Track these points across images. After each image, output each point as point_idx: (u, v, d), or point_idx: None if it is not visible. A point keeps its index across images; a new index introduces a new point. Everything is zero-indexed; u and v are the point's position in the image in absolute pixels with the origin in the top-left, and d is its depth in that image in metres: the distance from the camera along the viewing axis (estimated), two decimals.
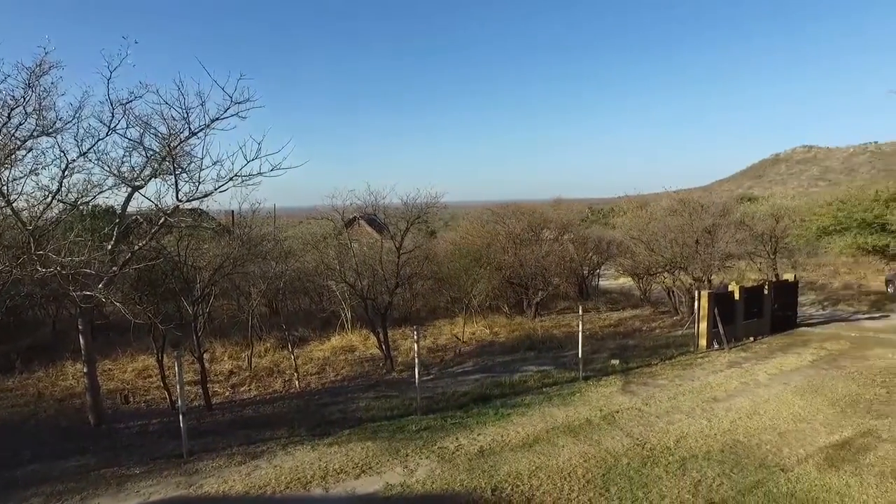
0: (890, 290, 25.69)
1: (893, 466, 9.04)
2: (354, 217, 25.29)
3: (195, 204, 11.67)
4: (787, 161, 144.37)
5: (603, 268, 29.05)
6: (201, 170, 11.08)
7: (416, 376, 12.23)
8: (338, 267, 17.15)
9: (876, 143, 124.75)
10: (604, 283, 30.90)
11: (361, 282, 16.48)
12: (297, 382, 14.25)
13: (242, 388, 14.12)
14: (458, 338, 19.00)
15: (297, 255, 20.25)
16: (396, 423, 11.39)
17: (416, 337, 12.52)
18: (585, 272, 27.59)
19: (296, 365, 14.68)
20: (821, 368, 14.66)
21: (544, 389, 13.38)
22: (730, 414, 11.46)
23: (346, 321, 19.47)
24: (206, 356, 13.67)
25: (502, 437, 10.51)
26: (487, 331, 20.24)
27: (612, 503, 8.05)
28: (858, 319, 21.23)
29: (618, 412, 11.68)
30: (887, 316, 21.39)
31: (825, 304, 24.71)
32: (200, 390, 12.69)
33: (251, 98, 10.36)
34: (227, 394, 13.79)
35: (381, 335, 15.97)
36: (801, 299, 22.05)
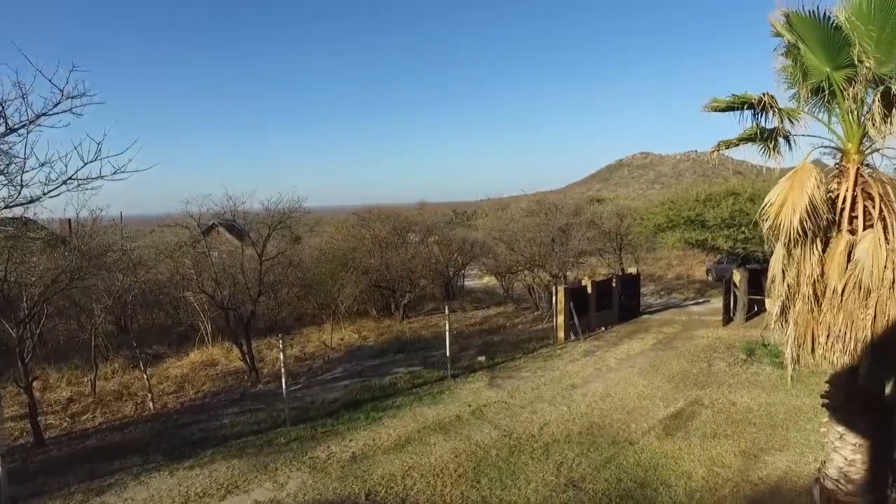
0: (709, 278, 29.49)
1: (713, 428, 10.44)
2: (213, 224, 23.77)
3: (18, 211, 10.16)
4: (629, 166, 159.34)
5: (468, 268, 30.00)
6: (24, 171, 9.66)
7: (284, 387, 11.77)
8: (195, 277, 16.00)
9: (696, 151, 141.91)
10: (469, 283, 31.95)
11: (221, 291, 15.52)
12: (151, 404, 13.04)
13: (85, 417, 12.60)
14: (326, 344, 18.59)
15: (149, 265, 18.60)
16: (264, 437, 10.87)
17: (281, 346, 12.06)
18: (451, 273, 28.34)
19: (149, 385, 13.42)
20: (659, 350, 16.39)
21: (415, 390, 13.52)
22: (586, 398, 12.39)
23: (207, 334, 18.22)
24: (36, 384, 12.00)
25: (374, 440, 10.45)
26: (356, 335, 20.04)
27: (484, 493, 8.35)
28: (687, 305, 24.07)
29: (486, 406, 12.13)
30: (708, 301, 24.46)
31: (662, 293, 27.67)
32: (30, 425, 11.09)
33: (88, 93, 9.22)
34: (65, 425, 12.21)
35: (244, 346, 15.15)
36: (643, 290, 24.50)
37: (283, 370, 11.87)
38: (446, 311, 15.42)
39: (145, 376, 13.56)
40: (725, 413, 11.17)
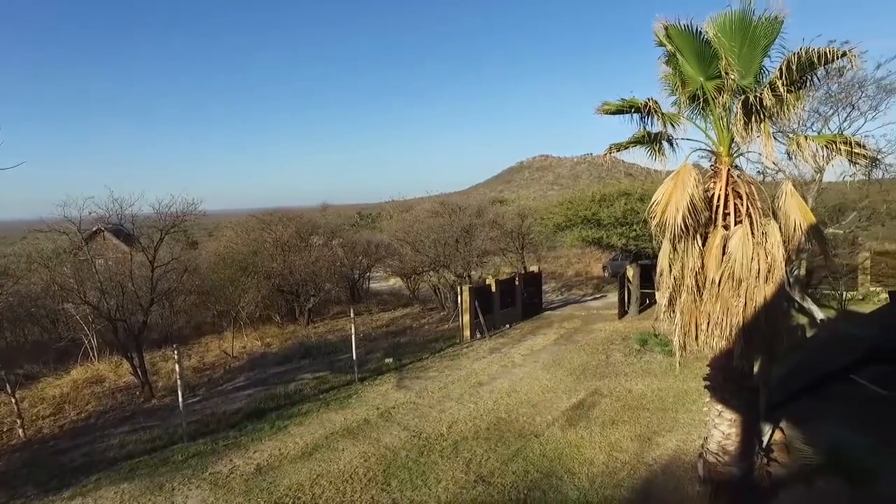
0: (606, 274, 31.24)
1: (611, 415, 11.03)
2: (98, 229, 21.96)
3: None
4: (530, 168, 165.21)
5: (373, 270, 29.79)
6: None
7: (181, 400, 11.08)
8: (75, 287, 14.65)
9: (591, 154, 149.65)
10: (375, 285, 31.71)
11: (108, 302, 14.32)
12: (21, 430, 11.72)
13: None
14: (227, 353, 17.72)
15: (19, 275, 16.80)
16: (159, 455, 10.16)
17: (177, 356, 11.34)
18: (356, 276, 28.02)
19: (18, 409, 12.01)
20: (561, 345, 17.10)
21: (321, 395, 13.21)
22: (493, 395, 12.68)
23: (92, 349, 16.76)
24: None
25: (280, 450, 10.09)
26: (259, 342, 19.28)
27: (394, 496, 8.30)
28: (586, 301, 25.32)
29: (394, 408, 12.08)
30: (605, 296, 25.88)
31: (563, 290, 28.92)
32: None
33: None
34: None
35: (135, 360, 14.08)
36: (545, 287, 25.47)
37: (179, 382, 11.17)
38: (352, 314, 15.21)
39: (13, 400, 12.08)
40: (622, 401, 11.84)
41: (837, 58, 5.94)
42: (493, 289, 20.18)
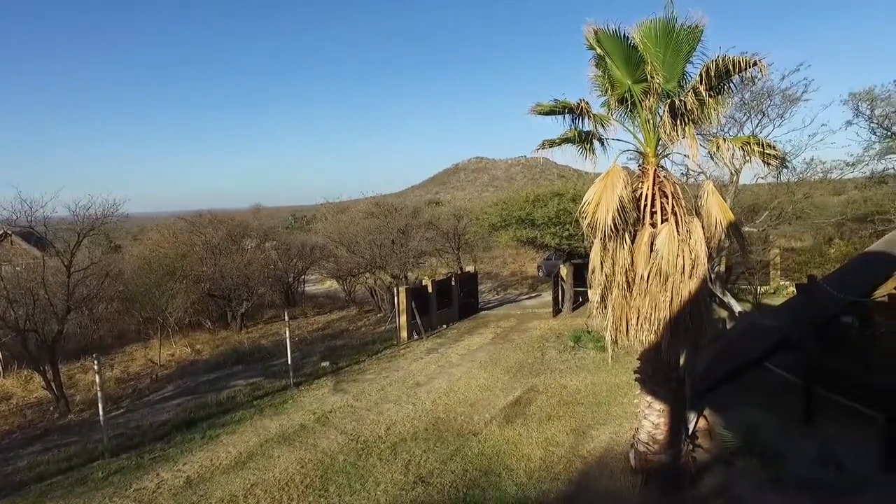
0: (540, 273, 31.93)
1: (547, 411, 11.28)
2: (4, 232, 20.40)
3: None
4: (465, 170, 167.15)
5: (308, 273, 29.19)
6: None
7: (101, 413, 10.45)
8: None
9: (525, 156, 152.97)
10: (310, 288, 31.10)
11: (15, 311, 13.28)
12: None
13: None
14: (154, 362, 16.87)
15: None
16: (76, 474, 9.53)
17: (97, 367, 10.70)
18: (291, 279, 27.37)
19: None
20: (498, 344, 17.34)
21: (255, 402, 12.81)
22: (431, 395, 12.68)
23: None
24: None
25: (212, 461, 9.70)
26: (189, 349, 18.48)
27: (332, 501, 8.17)
28: (522, 300, 25.78)
29: (331, 412, 11.87)
30: (540, 295, 26.44)
31: (499, 289, 29.30)
32: None
33: None
34: None
35: (48, 373, 13.13)
36: (481, 287, 25.74)
37: (99, 395, 10.54)
38: (286, 318, 14.84)
39: None
40: (558, 396, 12.13)
41: (749, 66, 6.32)
42: (430, 289, 20.22)
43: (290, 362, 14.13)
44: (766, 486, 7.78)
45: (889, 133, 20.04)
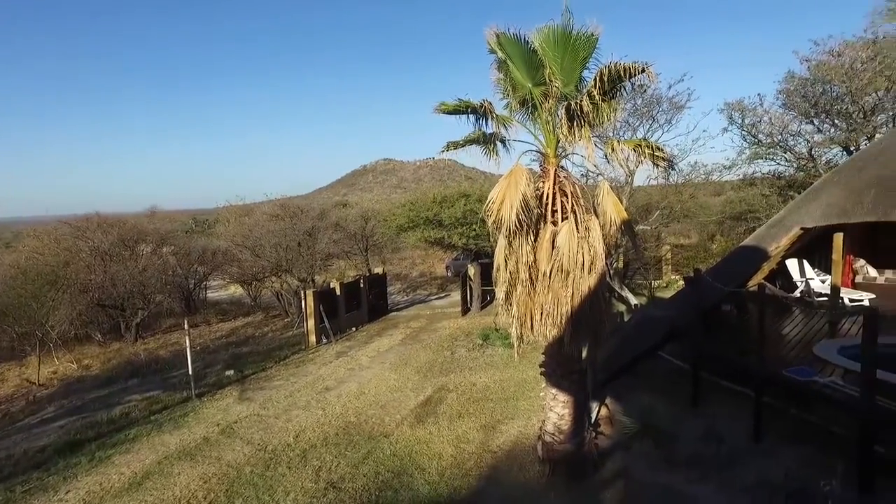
0: (449, 273, 32.34)
1: (458, 409, 11.42)
2: None
3: None
4: (373, 171, 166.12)
5: (211, 278, 27.83)
6: None
7: None
8: None
9: (433, 158, 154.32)
10: (213, 294, 29.66)
11: None
12: None
13: None
14: (31, 381, 15.37)
15: None
16: None
17: None
18: (192, 285, 25.97)
19: None
20: (408, 344, 17.35)
21: (153, 417, 12.00)
22: (341, 399, 12.47)
23: None
24: None
25: (102, 485, 8.98)
26: (75, 365, 17.01)
27: None
28: (431, 300, 25.95)
29: (236, 422, 11.37)
30: (449, 295, 26.75)
31: (408, 290, 29.32)
32: None
33: None
34: None
35: None
36: (390, 289, 25.62)
37: None
38: (186, 326, 14.06)
39: None
40: (468, 394, 12.31)
41: (639, 72, 6.74)
42: (338, 292, 19.90)
43: (191, 373, 13.38)
44: (660, 465, 8.33)
45: (756, 140, 22.15)
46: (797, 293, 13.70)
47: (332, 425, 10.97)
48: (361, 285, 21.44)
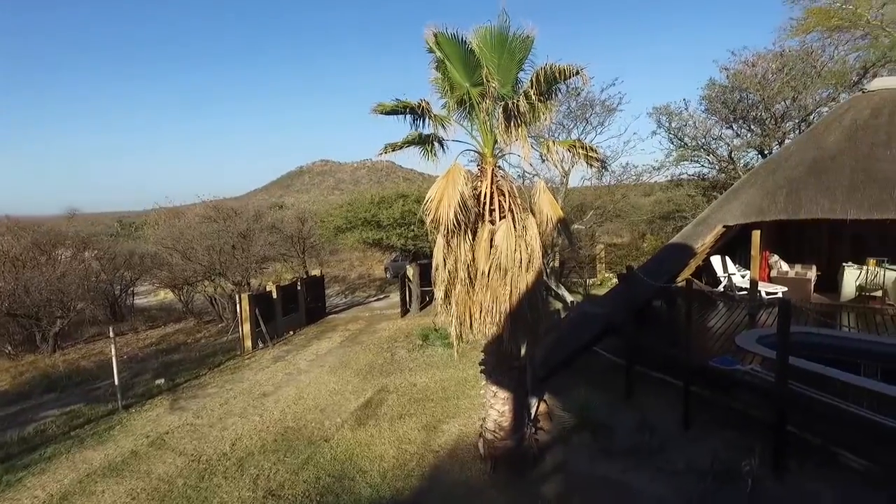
0: (388, 275, 32.17)
1: (399, 410, 11.38)
2: None
3: None
4: (310, 173, 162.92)
5: (139, 284, 26.50)
6: None
7: None
8: None
9: (371, 159, 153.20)
10: (141, 300, 28.28)
11: None
12: None
13: None
14: None
15: None
16: None
17: None
18: (118, 291, 24.64)
19: None
20: (347, 347, 17.12)
21: (74, 433, 11.27)
22: (279, 404, 12.15)
23: None
24: None
25: None
26: None
27: None
28: (370, 302, 25.73)
29: (168, 433, 10.87)
30: (388, 296, 26.60)
31: (347, 292, 28.96)
32: None
33: None
34: None
35: None
36: (328, 291, 25.21)
37: None
38: (111, 334, 13.31)
39: None
40: (408, 395, 12.27)
41: (573, 75, 6.93)
42: (275, 295, 19.41)
43: (117, 383, 12.68)
44: (597, 456, 8.59)
45: (682, 143, 23.29)
46: (721, 288, 14.45)
47: (270, 432, 10.67)
48: (299, 288, 20.99)
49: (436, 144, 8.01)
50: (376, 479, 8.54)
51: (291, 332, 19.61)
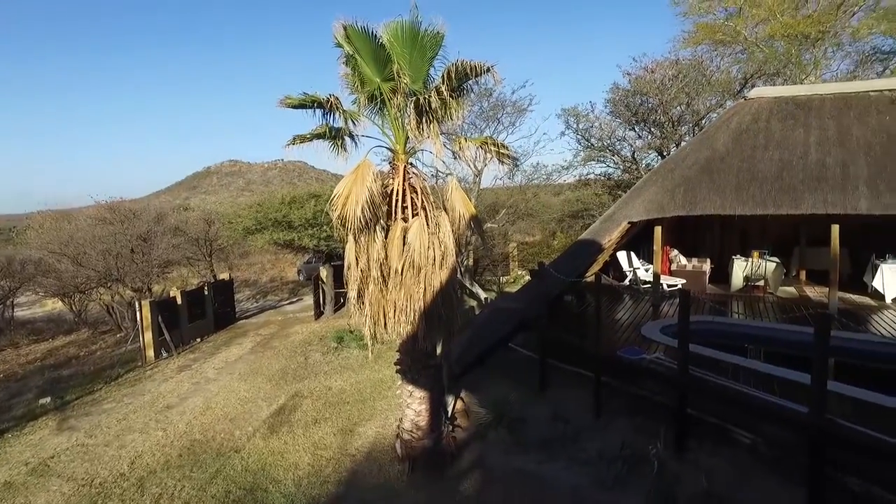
0: (301, 277, 31.31)
1: (313, 415, 11.06)
2: None
3: None
4: (218, 173, 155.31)
5: (20, 294, 24.11)
6: None
7: None
8: None
9: (282, 160, 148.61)
10: (23, 312, 25.75)
11: None
12: None
13: None
14: None
15: None
16: None
17: None
18: None
19: None
20: (258, 353, 16.43)
21: None
22: (185, 416, 11.44)
23: None
24: None
25: None
26: None
27: None
28: (282, 305, 24.91)
29: (53, 458, 9.90)
30: (301, 299, 25.88)
31: (258, 296, 27.88)
32: None
33: None
34: None
35: None
36: (238, 296, 24.15)
37: None
38: None
39: None
40: (323, 399, 11.93)
41: (484, 72, 6.98)
42: (180, 301, 18.29)
43: None
44: (513, 450, 8.69)
45: (589, 144, 24.29)
46: (627, 281, 15.15)
47: (175, 446, 10.01)
48: (206, 293, 19.92)
49: (346, 139, 7.81)
50: (290, 489, 8.21)
51: (199, 340, 18.57)
